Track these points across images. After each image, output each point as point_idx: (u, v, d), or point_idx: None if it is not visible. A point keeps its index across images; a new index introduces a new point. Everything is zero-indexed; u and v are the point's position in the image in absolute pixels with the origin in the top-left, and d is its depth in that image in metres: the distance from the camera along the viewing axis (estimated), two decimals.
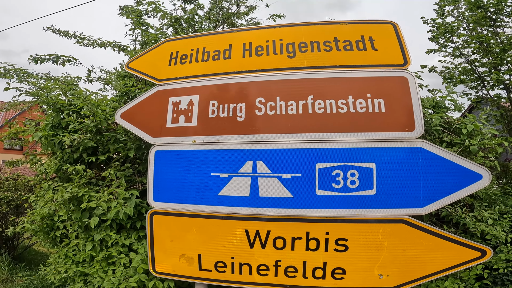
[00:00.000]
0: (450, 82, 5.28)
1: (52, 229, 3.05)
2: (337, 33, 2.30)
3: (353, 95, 2.02)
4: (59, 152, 2.91)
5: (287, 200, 2.00)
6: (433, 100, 2.75)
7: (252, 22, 5.18)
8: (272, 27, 2.49)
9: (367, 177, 1.93)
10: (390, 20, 2.35)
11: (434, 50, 5.75)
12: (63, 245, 2.93)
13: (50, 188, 3.14)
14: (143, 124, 2.28)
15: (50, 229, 3.05)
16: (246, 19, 5.20)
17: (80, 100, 2.70)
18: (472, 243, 1.87)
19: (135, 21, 4.19)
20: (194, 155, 2.16)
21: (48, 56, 3.78)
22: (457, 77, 5.48)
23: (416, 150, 1.92)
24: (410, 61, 2.18)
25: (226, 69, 2.27)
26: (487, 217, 2.78)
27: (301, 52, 2.24)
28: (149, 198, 2.27)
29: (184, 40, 2.59)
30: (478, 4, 5.25)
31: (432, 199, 1.89)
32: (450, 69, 5.68)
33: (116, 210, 2.51)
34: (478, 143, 2.44)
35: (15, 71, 3.53)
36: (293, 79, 2.12)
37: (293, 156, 2.00)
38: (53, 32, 4.70)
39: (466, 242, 1.88)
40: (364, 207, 1.93)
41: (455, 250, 1.87)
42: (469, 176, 1.86)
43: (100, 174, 2.93)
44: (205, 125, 2.15)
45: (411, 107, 1.98)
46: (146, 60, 2.56)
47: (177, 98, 2.25)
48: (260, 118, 2.07)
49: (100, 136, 2.74)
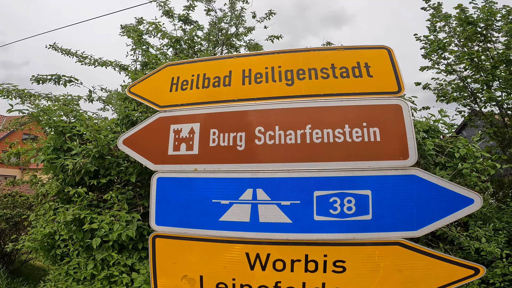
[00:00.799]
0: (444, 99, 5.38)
1: (52, 247, 3.07)
2: (334, 60, 2.37)
3: (350, 124, 2.08)
4: (60, 175, 2.94)
5: (286, 225, 2.05)
6: (426, 124, 2.84)
7: (251, 43, 5.30)
8: (271, 53, 2.56)
9: (363, 203, 1.99)
10: (385, 45, 2.41)
11: (427, 67, 5.88)
12: (64, 263, 2.94)
13: (51, 209, 3.17)
14: (145, 151, 2.32)
15: (51, 247, 3.07)
16: (244, 40, 5.34)
17: (83, 127, 2.75)
18: (465, 262, 1.93)
19: (136, 41, 4.28)
20: (195, 183, 2.20)
21: (50, 76, 3.84)
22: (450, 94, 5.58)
23: (410, 177, 1.99)
24: (404, 87, 2.24)
25: (226, 96, 2.33)
26: (481, 235, 2.84)
27: (299, 80, 2.30)
28: (151, 222, 2.30)
29: (185, 65, 2.66)
30: (468, 20, 5.40)
31: (426, 222, 1.95)
32: (443, 86, 5.78)
33: (119, 232, 2.55)
34: (471, 166, 2.52)
35: (17, 91, 3.58)
36: (292, 108, 2.19)
37: (292, 185, 2.06)
38: (55, 50, 4.78)
39: (459, 261, 1.93)
40: (361, 231, 1.98)
41: (449, 269, 1.92)
42: (461, 200, 1.93)
43: (101, 197, 2.97)
44: (206, 153, 2.20)
45: (405, 135, 2.05)
46: (148, 85, 2.61)
47: (178, 125, 2.30)
48: (260, 147, 2.13)
49: (102, 161, 2.78)
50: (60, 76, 3.80)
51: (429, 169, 2.76)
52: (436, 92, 5.81)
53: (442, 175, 2.62)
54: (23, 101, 3.40)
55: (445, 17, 5.83)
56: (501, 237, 3.10)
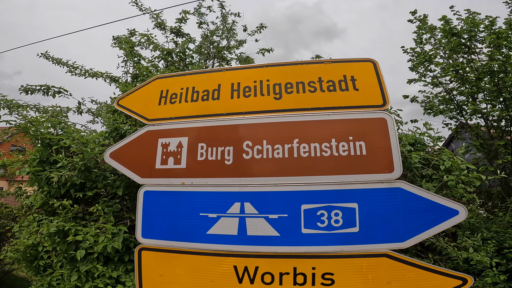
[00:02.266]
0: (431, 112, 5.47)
1: (35, 258, 3.00)
2: (321, 73, 2.41)
3: (336, 137, 2.11)
4: (45, 187, 2.89)
5: (274, 238, 2.05)
6: (412, 137, 2.89)
7: (242, 56, 5.35)
8: (260, 67, 2.59)
9: (350, 216, 2.00)
10: (371, 58, 2.45)
11: (414, 80, 5.99)
12: (46, 274, 2.86)
13: (35, 220, 3.11)
14: (132, 165, 2.31)
15: (34, 258, 3.00)
16: (236, 54, 5.40)
17: (69, 140, 2.72)
18: (453, 272, 1.94)
19: (127, 53, 4.29)
20: (183, 196, 2.19)
21: (39, 86, 3.81)
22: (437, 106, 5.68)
23: (395, 190, 2.02)
24: (389, 101, 2.28)
25: (214, 110, 2.34)
26: (469, 245, 2.87)
27: (287, 94, 2.33)
28: (138, 234, 2.27)
29: (174, 78, 2.67)
30: (453, 31, 5.53)
31: (412, 234, 1.97)
32: (430, 99, 5.88)
33: (104, 244, 2.51)
34: (456, 178, 2.56)
35: (5, 102, 3.53)
36: (279, 122, 2.21)
37: (279, 198, 2.06)
38: (47, 59, 4.75)
39: (447, 272, 1.95)
40: (348, 243, 1.99)
41: (437, 279, 1.93)
42: (446, 212, 1.96)
43: (87, 209, 2.91)
44: (193, 168, 2.19)
45: (390, 149, 2.08)
46: (137, 97, 2.61)
47: (166, 139, 2.29)
48: (248, 161, 2.13)
49: (88, 174, 2.74)
50: (49, 86, 3.77)
51: (415, 182, 2.80)
52: (423, 105, 5.91)
53: (428, 187, 2.66)
54: (11, 112, 3.36)
55: (430, 29, 5.97)
56: (490, 247, 3.13)
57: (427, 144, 2.95)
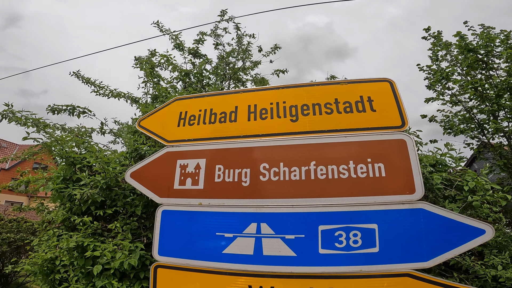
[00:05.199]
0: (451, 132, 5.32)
1: (52, 272, 3.04)
2: (337, 94, 2.42)
3: (354, 160, 2.09)
4: (67, 204, 2.98)
5: (291, 258, 2.02)
6: (433, 158, 2.82)
7: (257, 77, 5.47)
8: (276, 88, 2.63)
9: (369, 236, 1.96)
10: (387, 78, 2.43)
11: (432, 99, 5.88)
12: None
13: (55, 235, 3.18)
14: (151, 185, 2.37)
15: (50, 272, 3.04)
16: (251, 75, 5.52)
17: (93, 158, 2.83)
18: None
19: (148, 73, 4.47)
20: (200, 216, 2.21)
21: (65, 106, 4.00)
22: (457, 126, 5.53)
23: (417, 211, 1.97)
24: (408, 121, 2.25)
25: (232, 132, 2.39)
26: (497, 263, 2.74)
27: (304, 116, 2.35)
28: (154, 252, 2.30)
29: (192, 99, 2.75)
30: (468, 47, 5.43)
31: (437, 253, 1.91)
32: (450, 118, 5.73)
33: (121, 261, 2.54)
34: (481, 198, 2.48)
35: (34, 120, 3.73)
36: (296, 145, 2.22)
37: (296, 219, 2.05)
38: (78, 78, 4.98)
39: None
40: (367, 263, 1.94)
41: None
42: (472, 231, 1.90)
43: (106, 226, 2.98)
44: (211, 189, 2.23)
45: (411, 170, 2.05)
46: (157, 119, 2.71)
47: (185, 161, 2.35)
48: (264, 183, 2.15)
49: (109, 192, 2.82)
50: (75, 107, 3.95)
51: (438, 202, 2.72)
52: (443, 125, 5.75)
53: (452, 208, 2.58)
54: (38, 130, 3.53)
55: (445, 45, 5.89)
56: None
57: (448, 165, 2.88)
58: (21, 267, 3.28)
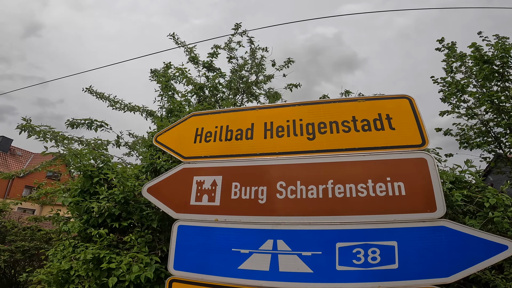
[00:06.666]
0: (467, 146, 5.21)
1: (66, 282, 3.06)
2: (355, 112, 2.39)
3: (373, 179, 2.07)
4: (84, 216, 3.03)
5: (307, 275, 2.01)
6: (453, 175, 2.77)
7: (270, 91, 5.50)
8: (292, 105, 2.62)
9: (388, 253, 1.93)
10: (406, 95, 2.39)
11: (447, 112, 5.77)
12: None
13: (71, 246, 3.22)
14: (167, 200, 2.39)
15: (65, 282, 3.07)
16: (264, 89, 5.56)
17: (114, 175, 2.89)
18: None
19: (163, 86, 4.56)
20: (216, 232, 2.22)
21: (84, 120, 4.12)
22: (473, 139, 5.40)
23: (439, 228, 1.94)
24: (428, 140, 2.19)
25: (248, 150, 2.40)
26: None
27: (321, 134, 2.33)
28: (170, 266, 2.31)
29: (209, 116, 2.77)
30: (484, 58, 5.30)
31: (458, 269, 1.88)
32: (465, 131, 5.60)
33: (137, 274, 2.55)
34: (502, 214, 2.42)
35: (53, 134, 3.84)
36: (313, 163, 2.21)
37: (313, 237, 2.04)
38: (91, 94, 5.11)
39: None
40: (386, 279, 1.91)
41: None
42: (494, 247, 1.87)
43: (121, 238, 3.01)
44: (227, 205, 2.23)
45: (432, 189, 2.01)
46: (173, 134, 2.74)
47: (201, 177, 2.37)
48: (281, 201, 2.14)
49: (126, 205, 2.86)
50: (93, 120, 4.06)
51: (457, 219, 2.68)
52: (459, 139, 5.61)
53: (473, 224, 2.54)
54: (57, 144, 3.63)
55: (460, 56, 5.77)
56: None
57: (468, 181, 2.82)
58: (35, 276, 3.32)
